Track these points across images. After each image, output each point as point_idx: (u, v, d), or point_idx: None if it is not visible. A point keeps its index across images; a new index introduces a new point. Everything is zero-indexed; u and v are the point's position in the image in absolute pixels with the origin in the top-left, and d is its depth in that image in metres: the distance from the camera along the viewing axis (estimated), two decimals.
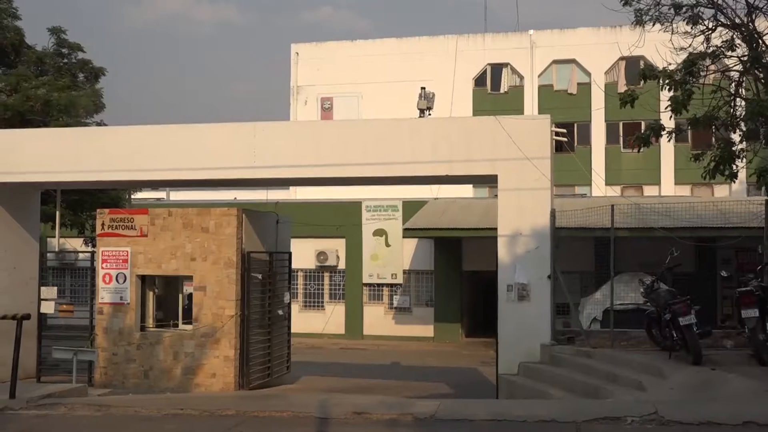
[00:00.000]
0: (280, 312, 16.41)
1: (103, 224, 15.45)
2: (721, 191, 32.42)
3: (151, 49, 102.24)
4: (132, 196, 25.47)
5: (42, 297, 16.07)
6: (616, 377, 11.80)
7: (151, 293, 15.65)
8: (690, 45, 13.59)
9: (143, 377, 14.96)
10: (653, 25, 13.67)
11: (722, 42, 13.69)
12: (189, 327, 15.13)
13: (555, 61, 37.52)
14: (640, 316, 13.44)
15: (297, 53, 40.27)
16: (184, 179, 16.70)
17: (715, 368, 11.06)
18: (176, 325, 15.54)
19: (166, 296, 15.96)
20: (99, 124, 22.74)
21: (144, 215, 15.40)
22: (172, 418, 9.81)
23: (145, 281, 15.45)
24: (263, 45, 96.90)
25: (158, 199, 34.97)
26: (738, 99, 14.05)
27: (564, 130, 16.51)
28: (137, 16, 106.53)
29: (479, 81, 38.25)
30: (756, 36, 13.50)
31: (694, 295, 12.32)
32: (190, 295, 15.36)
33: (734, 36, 13.69)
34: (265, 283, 15.64)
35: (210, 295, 14.79)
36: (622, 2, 13.58)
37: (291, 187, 32.03)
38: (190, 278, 15.12)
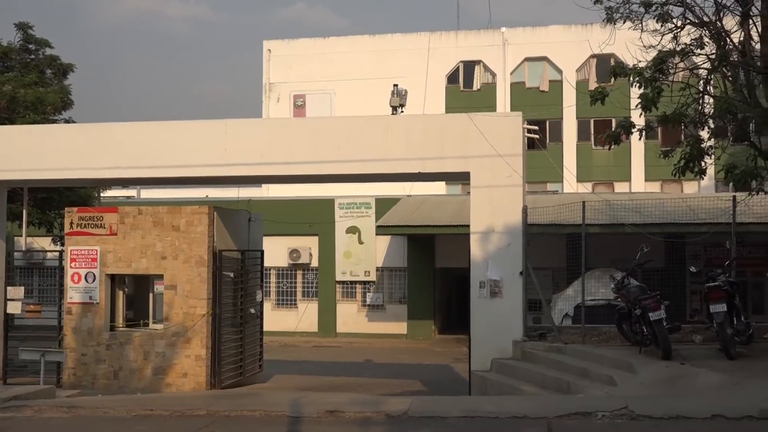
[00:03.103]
0: (253, 310, 16.31)
1: (71, 223, 15.24)
2: (690, 188, 32.82)
3: (122, 46, 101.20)
4: (102, 195, 25.15)
5: (8, 297, 15.83)
6: (587, 372, 11.88)
7: (120, 292, 15.48)
8: (659, 43, 13.71)
9: (113, 378, 14.79)
10: (623, 23, 13.76)
11: (691, 40, 13.82)
12: (160, 326, 14.98)
13: (527, 59, 37.69)
14: (611, 312, 13.56)
15: (269, 50, 40.04)
16: (154, 177, 16.51)
17: (685, 363, 11.17)
18: (147, 325, 15.38)
19: (137, 295, 15.79)
20: (67, 121, 22.42)
21: (113, 213, 15.21)
22: (142, 419, 9.70)
23: (115, 280, 15.27)
24: (236, 42, 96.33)
25: (128, 197, 34.61)
26: (706, 97, 14.20)
27: (536, 128, 16.60)
28: (108, 12, 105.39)
29: (452, 78, 38.31)
30: (724, 34, 13.65)
31: (663, 290, 12.47)
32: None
33: (703, 34, 13.83)
34: (237, 282, 15.54)
35: (181, 293, 14.65)
36: (593, 0, 13.65)
37: (263, 185, 31.86)
38: (160, 277, 14.96)
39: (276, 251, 26.31)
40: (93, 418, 9.85)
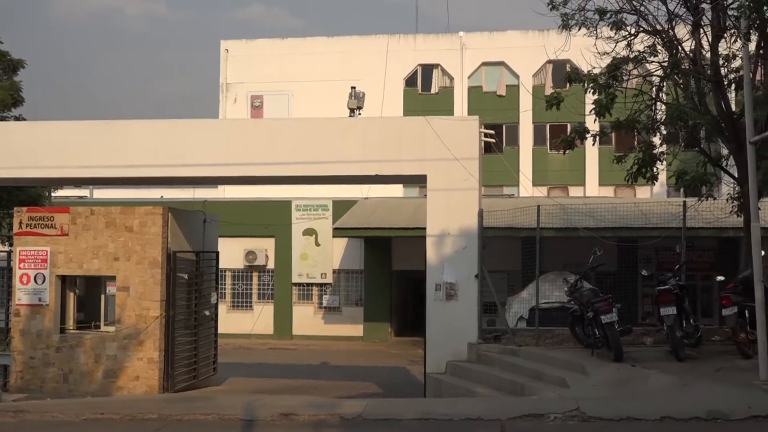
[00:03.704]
0: (207, 312, 16.14)
1: (20, 223, 14.91)
2: (642, 192, 33.39)
3: (77, 42, 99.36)
4: (53, 194, 24.62)
5: None
6: (540, 375, 12.01)
7: (71, 294, 15.19)
8: (613, 50, 13.94)
9: (62, 381, 14.49)
10: (579, 29, 13.94)
11: (644, 48, 14.08)
12: (112, 328, 14.73)
13: (484, 63, 37.99)
14: (565, 315, 13.72)
15: (227, 50, 39.68)
16: (107, 177, 16.25)
17: (636, 365, 11.36)
18: (98, 327, 15.11)
19: (88, 297, 15.51)
20: (18, 119, 21.91)
21: (65, 214, 14.93)
22: (92, 423, 9.54)
23: (66, 282, 14.99)
24: (193, 41, 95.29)
25: (81, 197, 33.96)
26: (659, 103, 14.48)
27: (492, 131, 16.74)
28: (64, 8, 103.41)
29: (410, 81, 38.44)
30: (676, 42, 13.93)
31: (616, 293, 12.67)
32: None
33: (655, 42, 14.10)
34: (191, 284, 15.37)
35: (134, 295, 14.44)
36: (549, 6, 13.82)
37: (219, 186, 31.55)
38: (113, 278, 14.73)
39: (232, 253, 26.09)
40: (41, 422, 9.65)
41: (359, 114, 18.59)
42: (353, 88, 19.20)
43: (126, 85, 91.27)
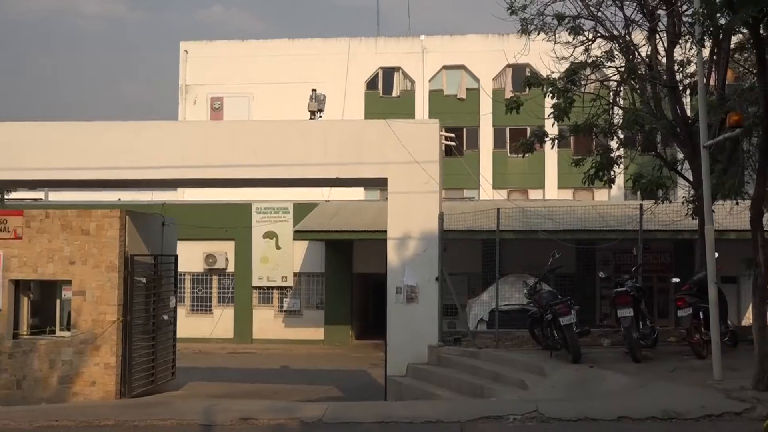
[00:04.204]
0: (166, 317, 15.95)
1: None
2: (600, 195, 33.81)
3: (33, 42, 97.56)
4: (6, 197, 24.14)
5: None
6: (500, 377, 12.08)
7: (25, 299, 14.89)
8: (572, 55, 14.12)
9: (15, 387, 14.19)
10: (538, 34, 14.11)
11: (602, 53, 14.30)
12: (67, 334, 14.47)
13: (445, 67, 38.16)
14: (525, 317, 13.84)
15: (186, 51, 39.27)
16: (64, 179, 15.99)
17: (593, 366, 11.49)
18: (53, 332, 14.83)
19: (43, 302, 15.21)
20: None
21: (18, 217, 14.62)
22: (45, 430, 9.35)
23: (19, 286, 14.68)
24: (152, 42, 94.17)
25: (36, 199, 33.35)
26: (616, 108, 14.70)
27: (453, 135, 16.84)
28: (18, 7, 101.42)
29: (371, 84, 38.45)
30: (632, 48, 14.17)
31: (574, 295, 12.79)
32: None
33: (613, 47, 14.32)
34: (149, 287, 15.17)
35: (90, 300, 14.20)
36: (509, 11, 13.95)
37: (178, 189, 31.20)
38: (68, 283, 14.46)
39: (191, 256, 25.80)
40: None
41: (320, 117, 18.57)
42: (314, 90, 19.17)
43: (83, 86, 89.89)
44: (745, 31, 10.42)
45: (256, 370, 21.12)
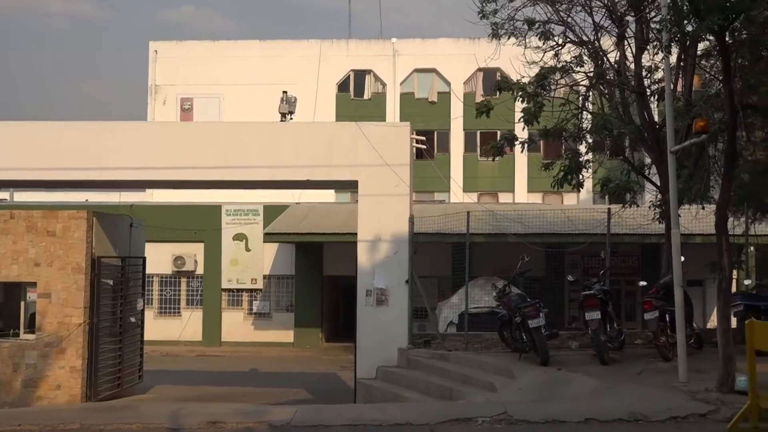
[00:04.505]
0: (133, 319, 15.76)
1: None
2: (569, 199, 34.13)
3: None
4: None
5: None
6: (469, 379, 12.12)
7: None
8: (542, 59, 14.24)
9: None
10: (508, 38, 14.21)
11: (571, 58, 14.44)
12: (32, 336, 14.23)
13: (416, 70, 38.26)
14: (494, 319, 13.90)
15: (156, 51, 38.92)
16: (30, 180, 15.74)
17: (561, 368, 11.58)
18: (17, 335, 14.57)
19: (7, 304, 14.96)
20: None
21: None
22: None
23: None
24: (121, 42, 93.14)
25: (0, 200, 32.81)
26: (585, 112, 14.84)
27: (423, 138, 16.90)
28: None
29: (342, 87, 38.42)
30: (601, 53, 14.32)
31: (543, 298, 12.88)
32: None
33: (582, 52, 14.47)
34: (116, 290, 14.98)
35: (55, 302, 13.97)
36: (480, 16, 14.03)
37: (147, 190, 30.91)
38: (34, 285, 14.22)
39: (159, 258, 25.57)
40: None
41: (291, 119, 18.52)
42: (285, 92, 19.12)
43: (51, 85, 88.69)
44: (711, 38, 10.59)
45: (224, 373, 20.97)
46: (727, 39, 9.84)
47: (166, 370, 19.99)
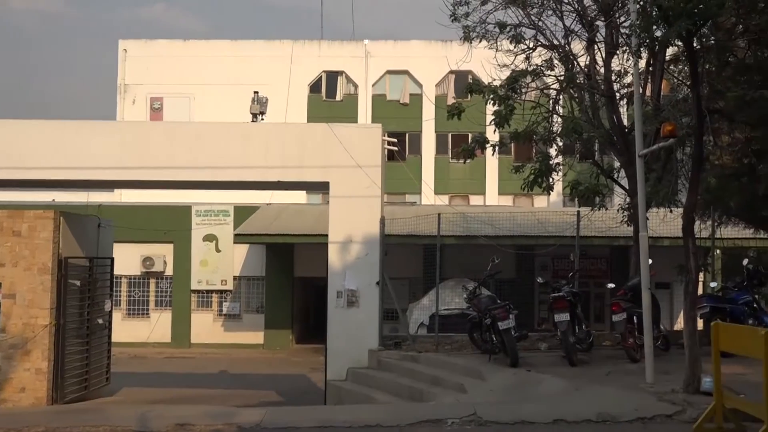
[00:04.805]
0: (100, 320, 15.58)
1: None
2: (540, 202, 34.38)
3: None
4: None
5: None
6: (439, 380, 12.15)
7: None
8: (513, 63, 14.32)
9: None
10: (480, 41, 14.27)
11: (542, 61, 14.54)
12: None
13: (388, 72, 38.31)
14: (465, 321, 13.95)
15: (125, 50, 38.52)
16: None
17: (531, 369, 11.66)
18: None
19: None
20: None
21: None
22: None
23: None
24: (90, 40, 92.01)
25: None
26: (555, 116, 14.95)
27: (395, 140, 16.91)
28: None
29: (314, 87, 38.35)
30: (571, 57, 14.44)
31: (513, 300, 12.97)
32: None
33: (553, 56, 14.57)
34: (84, 291, 14.79)
35: (21, 303, 13.75)
36: (452, 18, 14.08)
37: (116, 190, 30.58)
38: None
39: (128, 259, 25.30)
40: None
41: (262, 119, 18.43)
42: (256, 92, 19.03)
43: (17, 83, 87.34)
44: (679, 43, 10.72)
45: (194, 375, 20.82)
46: (694, 45, 9.97)
47: (135, 372, 19.79)
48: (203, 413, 10.03)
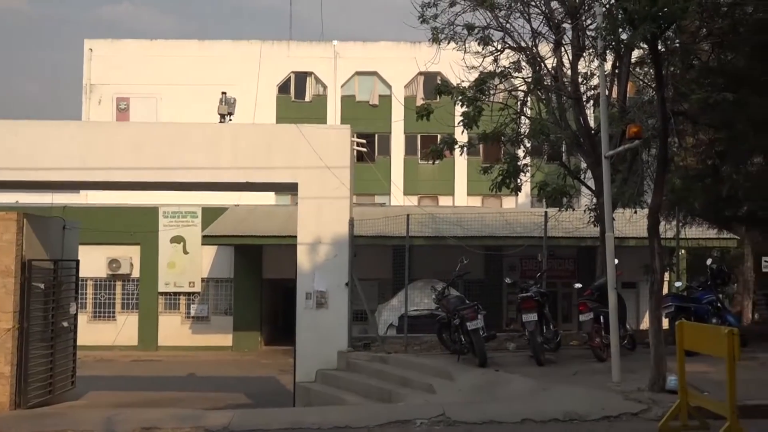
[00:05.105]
0: (65, 324, 15.35)
1: None
2: (508, 203, 34.57)
3: None
4: None
5: None
6: (408, 381, 12.16)
7: None
8: (481, 64, 14.40)
9: None
10: (448, 43, 14.33)
11: (510, 63, 14.63)
12: None
13: (358, 73, 38.30)
14: (434, 322, 13.98)
15: (91, 49, 38.04)
16: None
17: (499, 369, 11.71)
18: None
19: None
20: None
21: None
22: None
23: None
24: (54, 38, 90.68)
25: None
26: (523, 117, 15.06)
27: (364, 141, 16.96)
28: None
29: (283, 88, 38.20)
30: (539, 59, 14.55)
31: (482, 300, 13.01)
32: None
33: (520, 58, 14.68)
34: (48, 294, 14.55)
35: None
36: (420, 20, 14.12)
37: (81, 191, 30.18)
38: None
39: (94, 261, 24.97)
40: None
41: (230, 120, 18.35)
42: (224, 93, 18.95)
43: None
44: (644, 46, 10.85)
45: (161, 378, 20.61)
46: (659, 48, 10.10)
47: (101, 375, 19.56)
48: (170, 416, 9.92)
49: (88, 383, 17.03)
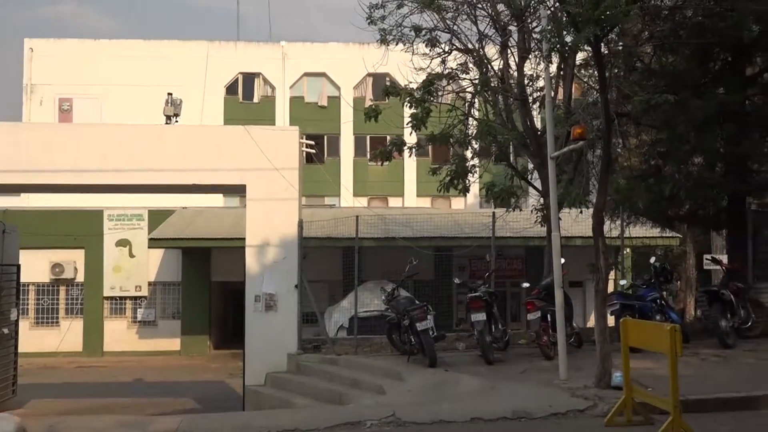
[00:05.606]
0: (6, 330, 14.99)
1: None
2: (457, 203, 34.83)
3: None
4: None
5: None
6: (358, 383, 12.15)
7: None
8: (429, 66, 14.46)
9: None
10: (396, 44, 14.34)
11: (457, 65, 14.72)
12: None
13: (306, 74, 38.16)
14: (384, 323, 13.98)
15: (32, 49, 37.13)
16: None
17: (449, 369, 11.76)
18: None
19: None
20: None
21: None
22: None
23: None
24: None
25: None
26: (470, 119, 15.16)
27: (313, 142, 16.89)
28: None
29: (231, 89, 37.85)
30: (486, 62, 14.67)
31: (432, 301, 13.06)
32: None
33: (467, 60, 14.78)
34: None
35: None
36: (368, 21, 14.11)
37: (22, 194, 29.44)
38: None
39: (36, 265, 24.41)
40: None
41: (176, 121, 18.10)
42: (170, 94, 18.66)
43: None
44: (588, 48, 11.03)
45: (107, 384, 20.21)
46: (602, 50, 10.27)
47: (44, 383, 19.10)
48: (116, 423, 9.72)
49: (30, 391, 16.63)
